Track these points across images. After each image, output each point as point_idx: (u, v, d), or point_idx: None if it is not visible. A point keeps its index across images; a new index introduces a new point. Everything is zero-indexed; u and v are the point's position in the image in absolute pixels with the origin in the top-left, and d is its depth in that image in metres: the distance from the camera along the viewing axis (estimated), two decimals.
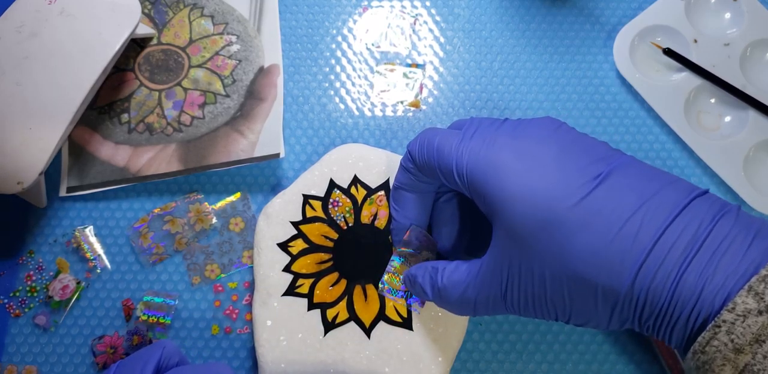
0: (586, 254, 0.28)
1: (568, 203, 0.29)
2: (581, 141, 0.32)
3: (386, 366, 0.39)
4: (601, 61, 0.48)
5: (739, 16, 0.47)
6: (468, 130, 0.34)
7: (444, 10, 0.49)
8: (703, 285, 0.26)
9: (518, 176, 0.30)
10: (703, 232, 0.27)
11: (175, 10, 0.48)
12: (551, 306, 0.31)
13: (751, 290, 0.25)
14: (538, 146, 0.31)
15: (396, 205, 0.38)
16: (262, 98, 0.45)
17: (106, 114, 0.46)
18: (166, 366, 0.34)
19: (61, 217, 0.45)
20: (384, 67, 0.48)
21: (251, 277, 0.43)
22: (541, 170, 0.30)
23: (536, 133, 0.32)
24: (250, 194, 0.45)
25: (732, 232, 0.27)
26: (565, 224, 0.28)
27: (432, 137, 0.34)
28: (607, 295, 0.28)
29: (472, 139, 0.33)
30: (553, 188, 0.29)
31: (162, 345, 0.35)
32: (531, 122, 0.33)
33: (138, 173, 0.44)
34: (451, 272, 0.34)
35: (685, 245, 0.27)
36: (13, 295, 0.43)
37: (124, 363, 0.34)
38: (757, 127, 0.45)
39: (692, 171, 0.46)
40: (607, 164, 0.30)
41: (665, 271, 0.27)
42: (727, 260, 0.26)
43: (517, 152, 0.31)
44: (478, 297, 0.33)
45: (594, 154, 0.31)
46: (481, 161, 0.32)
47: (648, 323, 0.28)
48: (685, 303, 0.27)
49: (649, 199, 0.28)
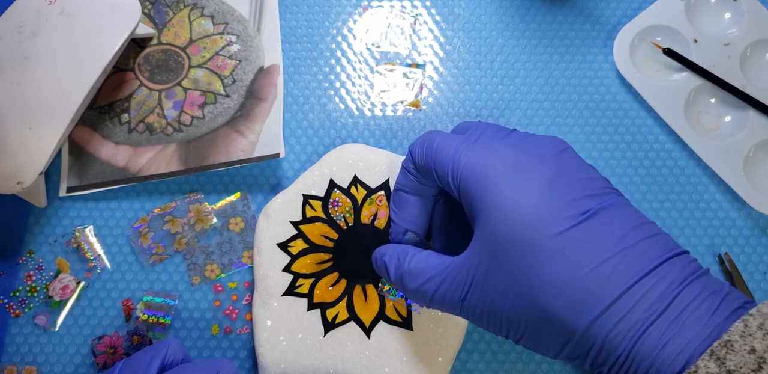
0: (552, 286, 0.28)
1: (550, 231, 0.28)
2: (581, 171, 0.31)
3: (386, 366, 0.39)
4: (601, 61, 0.48)
5: (739, 16, 0.47)
6: (472, 135, 0.34)
7: (444, 10, 0.49)
8: (664, 345, 0.26)
9: (509, 190, 0.30)
10: (672, 291, 0.27)
11: (175, 10, 0.48)
12: (505, 323, 0.31)
13: (713, 354, 0.25)
14: (537, 165, 0.31)
15: (396, 208, 0.38)
16: (262, 97, 0.45)
17: (106, 114, 0.46)
18: (171, 363, 0.34)
19: (61, 217, 0.45)
20: (384, 67, 0.48)
21: (251, 277, 0.43)
22: (533, 191, 0.30)
23: (539, 151, 0.32)
24: (250, 194, 0.45)
25: (700, 296, 0.27)
26: (541, 251, 0.28)
27: (433, 139, 0.34)
28: (563, 329, 0.28)
29: (473, 144, 0.33)
30: (539, 212, 0.29)
31: (167, 343, 0.35)
32: (537, 139, 0.33)
33: (138, 173, 0.44)
34: (419, 260, 0.34)
35: (653, 302, 0.27)
36: (13, 295, 0.43)
37: (129, 360, 0.34)
38: (757, 127, 0.45)
39: (692, 171, 0.46)
40: (598, 202, 0.30)
41: (628, 323, 0.27)
42: (690, 324, 0.26)
43: (514, 167, 0.31)
44: (437, 291, 0.33)
45: (589, 188, 0.30)
46: (477, 167, 0.31)
47: (600, 369, 0.29)
48: (643, 359, 0.27)
49: (630, 247, 0.28)
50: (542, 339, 0.30)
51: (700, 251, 0.44)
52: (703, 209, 0.45)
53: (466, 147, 0.33)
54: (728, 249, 0.44)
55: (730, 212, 0.45)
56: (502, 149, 0.32)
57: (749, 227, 0.45)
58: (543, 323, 0.29)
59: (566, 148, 0.33)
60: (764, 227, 0.45)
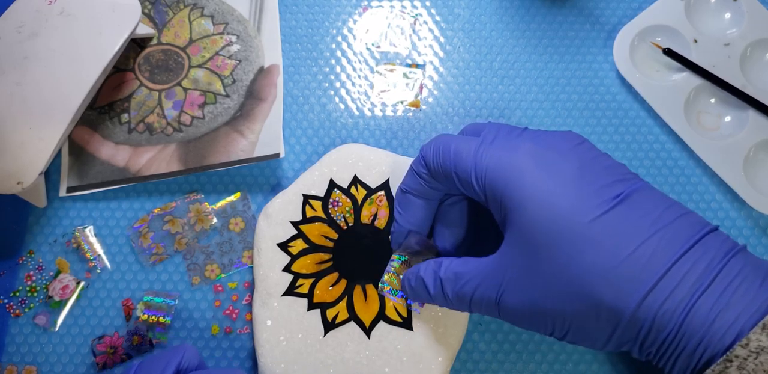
0: (595, 272, 0.28)
1: (585, 218, 0.29)
2: (602, 160, 0.32)
3: (386, 366, 0.39)
4: (601, 61, 0.48)
5: (739, 16, 0.47)
6: (487, 135, 0.34)
7: (444, 10, 0.49)
8: (714, 319, 0.26)
9: (540, 184, 0.30)
10: (715, 267, 0.27)
11: (175, 10, 0.48)
12: (549, 319, 0.30)
13: (765, 327, 0.25)
14: (560, 159, 0.31)
15: (400, 209, 0.37)
16: (262, 97, 0.45)
17: (106, 114, 0.46)
18: (186, 369, 0.34)
19: (61, 217, 0.45)
20: (384, 67, 0.48)
21: (251, 277, 0.43)
22: (562, 183, 0.30)
23: (558, 145, 0.32)
24: (250, 194, 0.45)
25: (743, 270, 0.27)
26: (579, 239, 0.28)
27: (448, 142, 0.34)
28: (611, 315, 0.28)
29: (492, 144, 0.33)
30: (572, 202, 0.29)
31: (183, 349, 0.35)
32: (553, 135, 0.33)
33: (138, 173, 0.44)
34: (456, 265, 0.34)
35: (697, 277, 0.27)
36: (13, 295, 0.43)
37: (144, 364, 0.34)
38: (757, 127, 0.45)
39: (692, 171, 0.46)
40: (626, 186, 0.30)
41: (675, 300, 0.27)
42: (738, 297, 0.27)
43: (539, 162, 0.31)
44: (474, 293, 0.33)
45: (614, 174, 0.31)
46: (502, 166, 0.31)
47: (650, 349, 0.28)
48: (693, 334, 0.27)
49: (665, 227, 0.28)
50: (590, 330, 0.29)
51: None
52: (703, 209, 0.45)
53: (485, 148, 0.33)
54: None
55: (730, 212, 0.45)
56: (522, 145, 0.32)
57: (749, 227, 0.45)
58: (589, 312, 0.29)
59: (583, 140, 0.33)
60: (764, 227, 0.45)
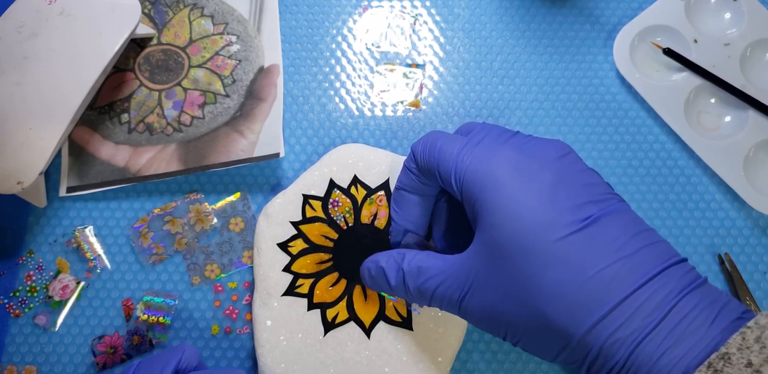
0: (552, 291, 0.28)
1: (551, 237, 0.29)
2: (583, 176, 0.32)
3: (386, 366, 0.39)
4: (601, 61, 0.48)
5: (739, 16, 0.47)
6: (475, 136, 0.34)
7: (444, 11, 0.49)
8: (661, 355, 0.27)
9: (511, 195, 0.30)
10: (671, 301, 0.27)
11: (175, 10, 0.48)
12: (503, 326, 0.31)
13: (710, 366, 0.25)
14: (539, 170, 0.31)
15: (396, 207, 0.38)
16: (262, 97, 0.45)
17: (106, 114, 0.46)
18: (185, 369, 0.34)
19: (61, 217, 0.45)
20: (384, 67, 0.48)
21: (251, 277, 0.43)
22: (535, 196, 0.30)
23: (542, 155, 0.32)
24: (250, 194, 0.45)
25: (698, 306, 0.27)
26: (542, 256, 0.28)
27: (436, 139, 0.34)
28: (560, 336, 0.28)
29: (477, 146, 0.33)
30: (540, 217, 0.29)
31: (182, 349, 0.35)
32: (540, 142, 0.33)
33: (138, 173, 0.44)
34: (419, 259, 0.34)
35: (651, 310, 0.27)
36: (13, 295, 0.43)
37: (143, 363, 0.34)
38: (757, 127, 0.45)
39: (692, 171, 0.46)
40: (599, 209, 0.30)
41: (626, 331, 0.27)
42: (688, 334, 0.27)
43: (516, 171, 0.31)
44: (436, 290, 0.33)
45: (590, 194, 0.31)
46: (480, 170, 0.31)
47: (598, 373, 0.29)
48: (640, 368, 0.27)
49: (629, 255, 0.28)
50: (540, 343, 0.30)
51: (700, 251, 0.44)
52: (703, 209, 0.45)
53: (469, 150, 0.33)
54: (728, 249, 0.44)
55: (730, 212, 0.45)
56: (504, 152, 0.32)
57: (749, 227, 0.45)
58: (541, 327, 0.29)
59: (568, 152, 0.33)
60: (764, 227, 0.45)
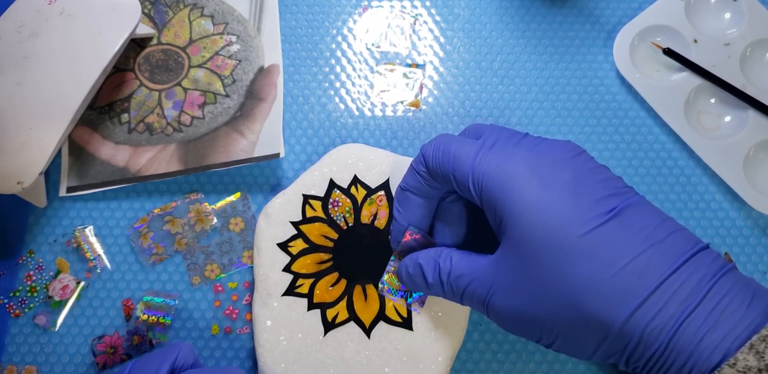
0: (586, 284, 0.28)
1: (578, 231, 0.29)
2: (598, 172, 0.32)
3: (386, 366, 0.39)
4: (601, 61, 0.48)
5: (739, 16, 0.47)
6: (487, 140, 0.34)
7: (444, 11, 0.49)
8: (702, 338, 0.27)
9: (533, 194, 0.30)
10: (705, 285, 0.27)
11: (175, 10, 0.48)
12: (538, 327, 0.31)
13: (752, 348, 0.26)
14: (556, 169, 0.31)
15: (400, 206, 0.38)
16: (262, 97, 0.45)
17: (106, 114, 0.46)
18: (181, 367, 0.34)
19: (61, 217, 0.45)
20: (384, 67, 0.48)
21: (251, 277, 0.43)
22: (557, 194, 0.30)
23: (555, 155, 0.32)
24: (250, 194, 0.45)
25: (733, 290, 0.28)
26: (572, 251, 0.29)
27: (449, 144, 0.34)
28: (599, 327, 0.28)
29: (491, 149, 0.33)
30: (566, 213, 0.29)
31: (178, 347, 0.35)
32: (552, 144, 0.33)
33: (138, 173, 0.44)
34: (456, 255, 0.34)
35: (687, 295, 0.27)
36: (13, 295, 0.43)
37: (139, 362, 0.34)
38: (757, 127, 0.45)
39: (692, 171, 0.46)
40: (620, 201, 0.30)
41: (664, 317, 0.27)
42: (727, 317, 0.27)
43: (535, 171, 0.31)
44: (466, 289, 0.33)
45: (609, 188, 0.31)
46: (498, 173, 0.31)
47: (637, 364, 0.29)
48: (681, 352, 0.27)
49: (657, 243, 0.29)
50: (577, 340, 0.30)
51: None
52: (703, 209, 0.45)
53: (484, 153, 0.33)
54: (728, 249, 0.44)
55: (730, 212, 0.45)
56: (520, 153, 0.32)
57: (749, 227, 0.45)
58: (578, 323, 0.29)
59: (581, 152, 0.33)
60: (764, 227, 0.45)
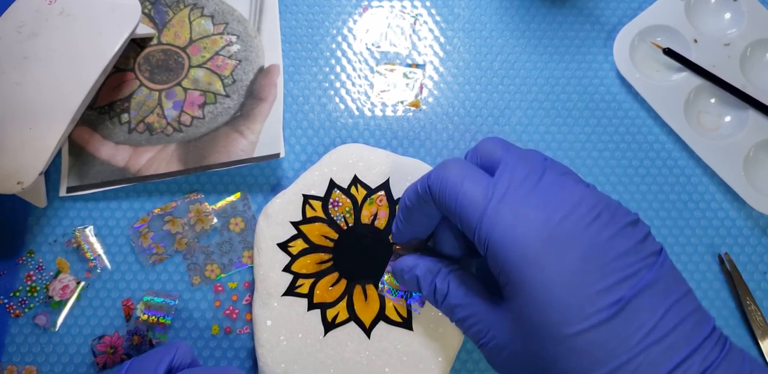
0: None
1: (577, 327, 0.28)
2: (615, 245, 0.30)
3: (386, 366, 0.39)
4: (601, 61, 0.48)
5: (739, 16, 0.47)
6: (499, 184, 0.31)
7: (444, 11, 0.49)
8: None
9: (540, 277, 0.29)
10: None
11: (175, 10, 0.48)
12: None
13: None
14: (569, 243, 0.29)
15: (403, 220, 0.37)
16: (262, 97, 0.45)
17: (106, 114, 0.46)
18: (178, 366, 0.34)
19: (61, 217, 0.45)
20: (384, 67, 0.48)
21: (251, 277, 0.43)
22: (564, 278, 0.29)
23: (575, 216, 0.30)
24: (250, 194, 0.45)
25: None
26: (567, 345, 0.28)
27: (456, 182, 0.32)
28: None
29: (501, 202, 0.31)
30: (568, 304, 0.28)
31: (176, 346, 0.35)
32: (573, 194, 0.31)
33: (138, 173, 0.44)
34: (453, 280, 0.34)
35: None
36: (13, 295, 0.43)
37: (137, 361, 0.34)
38: (756, 127, 0.45)
39: (692, 171, 0.46)
40: (631, 286, 0.29)
41: None
42: None
43: (545, 245, 0.29)
44: (461, 321, 0.34)
45: (623, 267, 0.29)
46: (508, 241, 0.30)
47: None
48: None
49: (656, 342, 0.28)
50: None
51: (700, 251, 0.44)
52: (703, 209, 0.45)
53: (494, 208, 0.31)
54: (728, 249, 0.44)
55: (730, 212, 0.45)
56: (532, 217, 0.30)
57: (749, 227, 0.45)
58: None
59: (601, 210, 0.30)
60: (764, 227, 0.45)
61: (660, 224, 0.45)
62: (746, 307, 0.43)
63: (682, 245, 0.44)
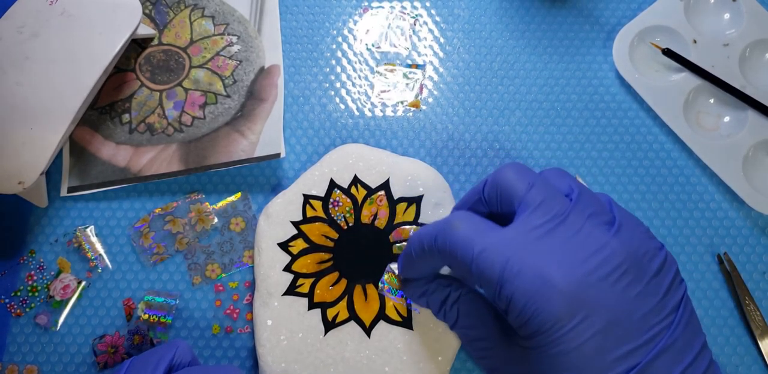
0: None
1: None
2: (639, 305, 0.29)
3: (386, 366, 0.39)
4: (600, 61, 0.48)
5: (738, 17, 0.47)
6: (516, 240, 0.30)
7: (444, 11, 0.49)
8: None
9: (561, 340, 0.28)
10: None
11: (176, 10, 0.48)
12: None
13: None
14: (594, 309, 0.28)
15: (407, 265, 0.36)
16: (262, 98, 0.45)
17: (107, 114, 0.46)
18: (178, 364, 0.34)
19: (62, 217, 0.45)
20: (384, 67, 0.48)
21: (252, 277, 0.43)
22: (586, 342, 0.28)
23: (598, 273, 0.28)
24: (250, 194, 0.45)
25: None
26: None
27: (468, 247, 0.30)
28: None
29: (522, 262, 0.29)
30: (584, 370, 0.28)
31: (176, 345, 0.35)
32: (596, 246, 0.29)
33: (139, 173, 0.44)
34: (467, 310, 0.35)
35: None
36: (14, 295, 0.43)
37: (137, 359, 0.34)
38: (756, 127, 0.45)
39: (691, 171, 0.46)
40: (648, 351, 0.28)
41: None
42: None
43: (571, 306, 0.28)
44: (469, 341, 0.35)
45: (644, 329, 0.28)
46: (530, 304, 0.28)
47: None
48: None
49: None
50: None
51: (700, 251, 0.45)
52: (703, 209, 0.45)
53: (515, 268, 0.29)
54: (727, 249, 0.45)
55: (729, 212, 0.45)
56: (556, 275, 0.28)
57: (748, 227, 0.45)
58: None
59: (628, 266, 0.29)
60: (763, 227, 0.45)
61: (659, 224, 0.45)
62: (745, 307, 0.43)
63: (682, 245, 0.45)
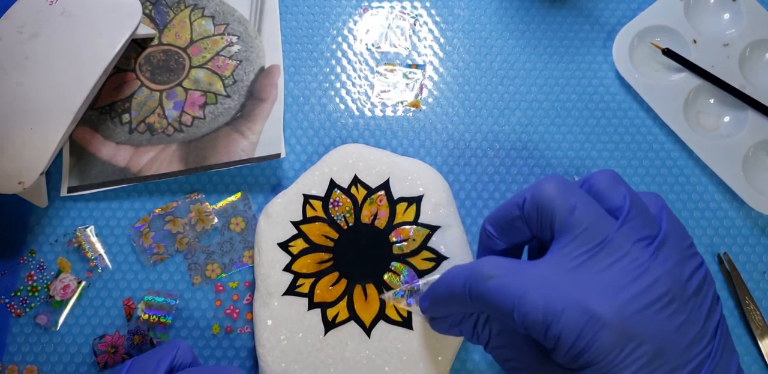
0: None
1: None
2: (683, 335, 0.28)
3: (386, 366, 0.39)
4: (600, 61, 0.48)
5: (738, 17, 0.47)
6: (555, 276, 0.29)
7: (444, 11, 0.49)
8: None
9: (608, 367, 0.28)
10: None
11: (176, 10, 0.48)
12: None
13: None
14: (639, 340, 0.27)
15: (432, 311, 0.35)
16: (262, 98, 0.45)
17: (107, 114, 0.46)
18: (179, 365, 0.34)
19: (62, 217, 0.45)
20: (384, 67, 0.48)
21: (252, 277, 0.43)
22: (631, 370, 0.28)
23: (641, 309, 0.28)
24: (250, 194, 0.45)
25: None
26: None
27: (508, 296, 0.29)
28: None
29: (566, 299, 0.28)
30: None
31: (177, 345, 0.35)
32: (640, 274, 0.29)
33: (139, 173, 0.44)
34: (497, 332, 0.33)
35: None
36: (14, 295, 0.43)
37: (138, 360, 0.34)
38: (756, 127, 0.45)
39: (691, 171, 0.46)
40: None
41: None
42: None
43: (617, 340, 0.27)
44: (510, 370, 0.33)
45: (686, 364, 0.28)
46: (578, 341, 0.28)
47: None
48: None
49: None
50: None
51: (700, 251, 0.44)
52: (703, 209, 0.45)
53: (557, 307, 0.28)
54: (727, 249, 0.45)
55: (729, 212, 0.45)
56: (600, 310, 0.28)
57: (748, 227, 0.45)
58: None
59: (673, 296, 0.28)
60: (763, 227, 0.45)
61: None
62: (745, 307, 0.43)
63: None
